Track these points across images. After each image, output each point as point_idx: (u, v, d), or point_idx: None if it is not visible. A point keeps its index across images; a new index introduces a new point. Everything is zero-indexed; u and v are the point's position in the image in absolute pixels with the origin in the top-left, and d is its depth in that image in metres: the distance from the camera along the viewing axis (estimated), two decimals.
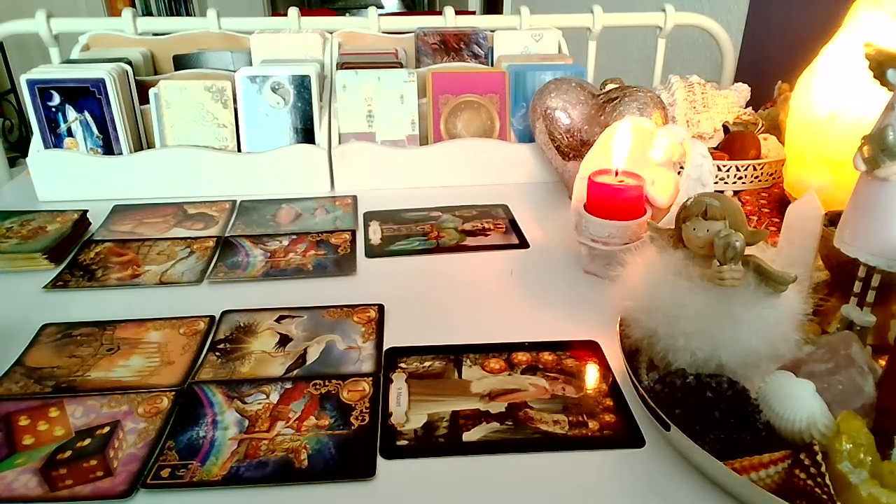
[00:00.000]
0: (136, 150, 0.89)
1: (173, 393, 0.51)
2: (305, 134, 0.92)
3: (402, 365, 0.55)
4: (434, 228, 0.80)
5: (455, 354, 0.56)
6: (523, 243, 0.77)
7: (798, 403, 0.41)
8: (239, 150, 0.91)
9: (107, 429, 0.48)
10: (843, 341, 0.46)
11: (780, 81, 1.02)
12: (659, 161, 0.67)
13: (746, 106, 0.99)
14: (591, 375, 0.53)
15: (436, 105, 0.92)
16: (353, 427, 0.48)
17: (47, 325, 0.61)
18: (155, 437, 0.47)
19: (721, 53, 1.23)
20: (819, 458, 0.38)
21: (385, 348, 0.57)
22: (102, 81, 0.85)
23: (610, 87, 0.89)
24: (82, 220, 0.80)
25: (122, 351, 0.57)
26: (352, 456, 0.45)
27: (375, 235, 0.79)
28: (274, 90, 0.89)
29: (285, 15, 1.11)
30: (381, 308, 0.63)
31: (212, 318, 0.62)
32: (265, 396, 0.51)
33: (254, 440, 0.47)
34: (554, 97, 0.84)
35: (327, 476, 0.44)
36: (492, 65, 1.06)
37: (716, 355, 0.46)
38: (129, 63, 0.91)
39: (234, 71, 0.90)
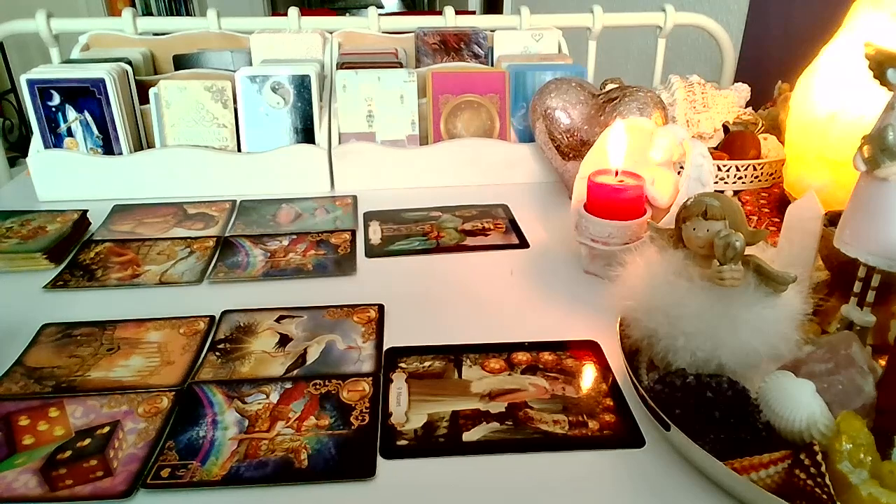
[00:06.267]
0: (136, 150, 0.89)
1: (173, 393, 0.51)
2: (305, 134, 0.92)
3: (402, 365, 0.55)
4: (434, 228, 0.80)
5: (455, 354, 0.56)
6: (523, 243, 0.77)
7: (798, 403, 0.41)
8: (239, 150, 0.91)
9: (107, 429, 0.48)
10: (843, 341, 0.46)
11: (780, 81, 1.02)
12: (659, 161, 0.67)
13: (746, 106, 0.99)
14: (591, 375, 0.53)
15: (436, 105, 0.92)
16: (353, 427, 0.48)
17: (47, 325, 0.61)
18: (155, 437, 0.47)
19: (721, 53, 1.23)
20: (819, 458, 0.38)
21: (385, 348, 0.57)
22: (102, 81, 0.85)
23: (610, 87, 0.89)
24: (82, 220, 0.80)
25: (122, 351, 0.57)
26: (352, 456, 0.45)
27: (375, 235, 0.79)
28: (274, 90, 0.89)
29: (285, 15, 1.11)
30: (381, 308, 0.63)
31: (212, 318, 0.62)
32: (265, 396, 0.51)
33: (254, 440, 0.47)
34: (554, 97, 0.84)
35: (327, 476, 0.44)
36: (492, 65, 1.06)
37: (716, 355, 0.46)
38: (129, 63, 0.91)
39: (234, 71, 0.90)
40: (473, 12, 3.67)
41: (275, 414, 0.49)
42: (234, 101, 0.90)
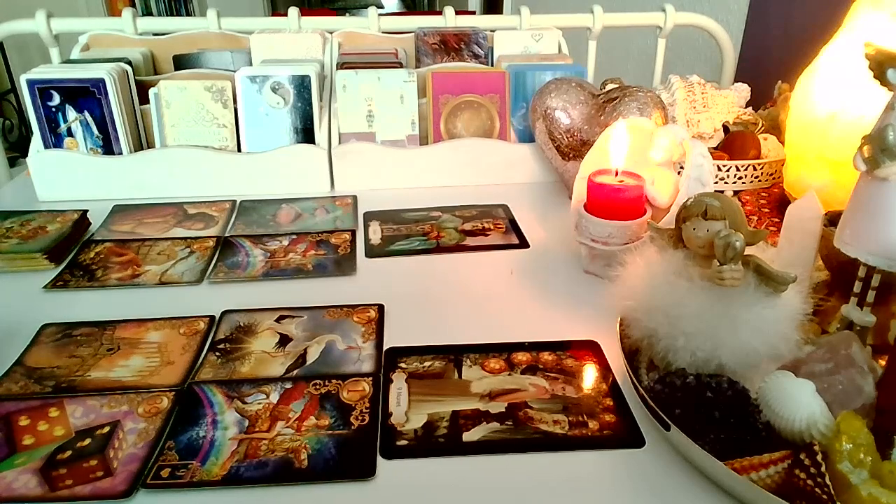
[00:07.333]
0: (136, 150, 0.89)
1: (173, 393, 0.51)
2: (305, 134, 0.92)
3: (402, 365, 0.55)
4: (434, 228, 0.80)
5: (455, 354, 0.56)
6: (523, 243, 0.77)
7: (798, 403, 0.41)
8: (239, 150, 0.91)
9: (107, 429, 0.48)
10: (843, 341, 0.46)
11: (780, 81, 1.02)
12: (659, 161, 0.67)
13: (746, 106, 0.99)
14: (591, 375, 0.53)
15: (436, 105, 0.92)
16: (353, 427, 0.48)
17: (47, 325, 0.61)
18: (155, 437, 0.47)
19: (721, 53, 1.23)
20: (819, 458, 0.38)
21: (385, 348, 0.57)
22: (102, 81, 0.85)
23: (610, 87, 0.89)
24: (82, 220, 0.80)
25: (122, 351, 0.57)
26: (352, 456, 0.45)
27: (375, 235, 0.79)
28: (274, 90, 0.89)
29: (285, 15, 1.11)
30: (381, 308, 0.63)
31: (212, 318, 0.62)
32: (265, 396, 0.51)
33: (254, 440, 0.47)
34: (554, 97, 0.84)
35: (327, 476, 0.44)
36: (492, 65, 1.06)
37: (716, 355, 0.46)
38: (129, 63, 0.91)
39: (234, 71, 0.90)
40: (473, 12, 3.67)
41: (275, 414, 0.49)
42: (234, 101, 0.90)
